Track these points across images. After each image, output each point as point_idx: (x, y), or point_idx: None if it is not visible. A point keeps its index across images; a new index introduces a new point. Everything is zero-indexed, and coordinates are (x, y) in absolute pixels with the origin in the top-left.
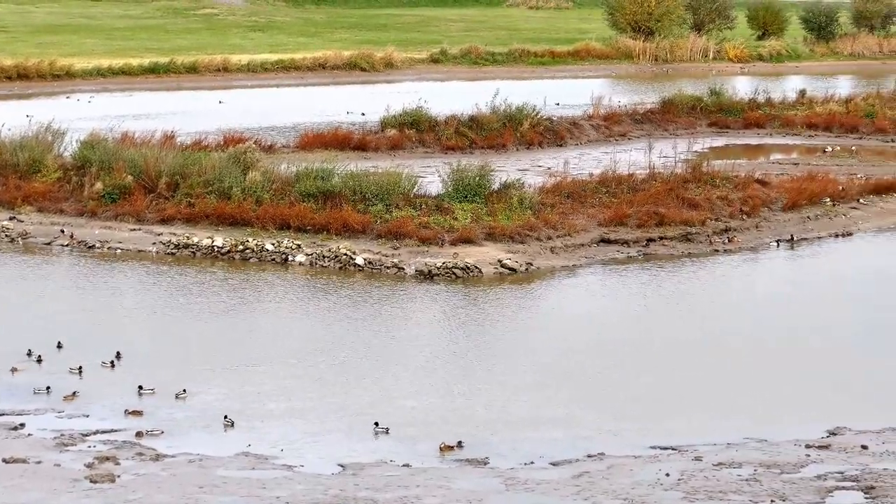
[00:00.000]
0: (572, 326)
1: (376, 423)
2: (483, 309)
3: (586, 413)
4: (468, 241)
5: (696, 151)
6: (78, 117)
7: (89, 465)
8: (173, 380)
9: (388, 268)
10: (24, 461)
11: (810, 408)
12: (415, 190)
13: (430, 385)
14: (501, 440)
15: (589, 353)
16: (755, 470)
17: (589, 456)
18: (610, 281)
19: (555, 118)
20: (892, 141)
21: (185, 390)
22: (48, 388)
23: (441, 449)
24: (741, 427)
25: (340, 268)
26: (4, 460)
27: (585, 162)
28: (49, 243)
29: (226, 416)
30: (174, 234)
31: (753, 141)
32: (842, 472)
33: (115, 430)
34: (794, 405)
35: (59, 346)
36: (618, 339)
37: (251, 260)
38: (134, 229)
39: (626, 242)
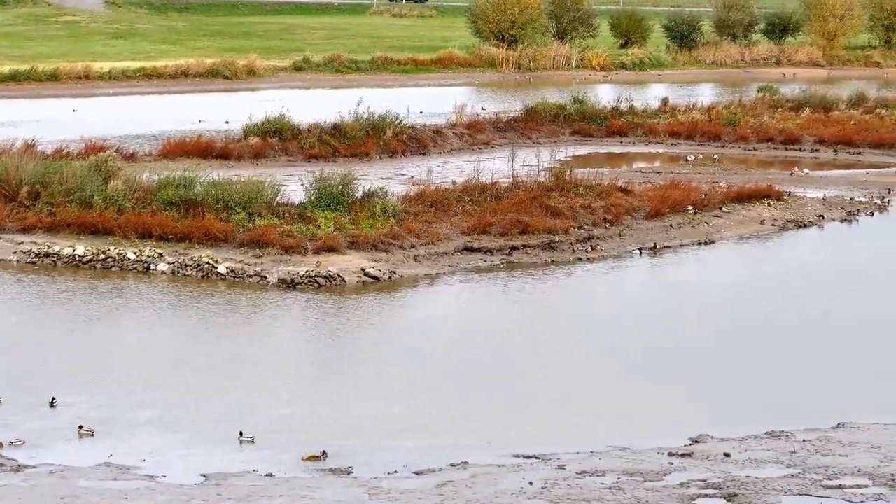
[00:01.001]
0: (436, 335)
1: (241, 433)
2: (347, 318)
3: (450, 422)
4: (331, 249)
5: (559, 160)
6: None
7: None
8: (36, 390)
9: (250, 276)
10: None
11: (673, 416)
12: (278, 198)
13: (296, 394)
14: (366, 449)
15: (453, 362)
16: (618, 478)
17: (452, 465)
18: (473, 289)
19: (418, 127)
20: (754, 149)
21: (54, 399)
22: None
23: (306, 459)
24: (604, 435)
25: (203, 277)
26: None
27: (449, 170)
28: None
29: (81, 426)
30: (35, 242)
31: (616, 149)
32: (704, 480)
33: None
34: (656, 413)
35: None
36: (481, 347)
37: (113, 269)
38: None
39: (489, 251)
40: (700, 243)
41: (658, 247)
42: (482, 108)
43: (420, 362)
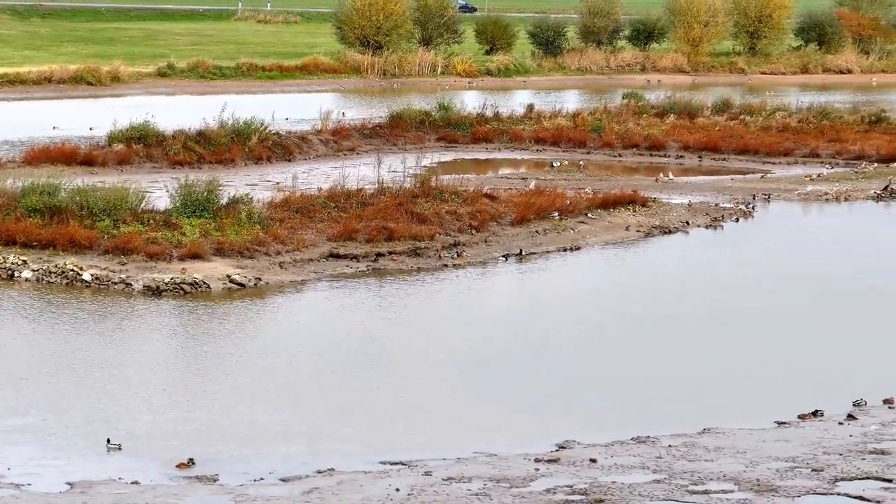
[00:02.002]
0: (302, 342)
1: (108, 440)
2: (214, 325)
3: (318, 428)
4: (197, 256)
5: (425, 166)
6: None
7: None
8: None
9: (115, 283)
10: None
11: (539, 422)
12: (142, 205)
13: (164, 401)
14: (233, 456)
15: (320, 369)
16: (485, 484)
17: (319, 472)
18: (339, 296)
19: (283, 133)
20: (620, 155)
21: None
22: None
23: (174, 466)
24: (471, 441)
25: (67, 284)
26: None
27: (314, 177)
28: None
29: None
30: None
31: (482, 155)
32: (571, 486)
33: None
34: (523, 419)
35: None
36: (348, 354)
37: None
38: None
39: (355, 257)
40: (566, 249)
41: (524, 253)
42: (342, 114)
43: (287, 369)
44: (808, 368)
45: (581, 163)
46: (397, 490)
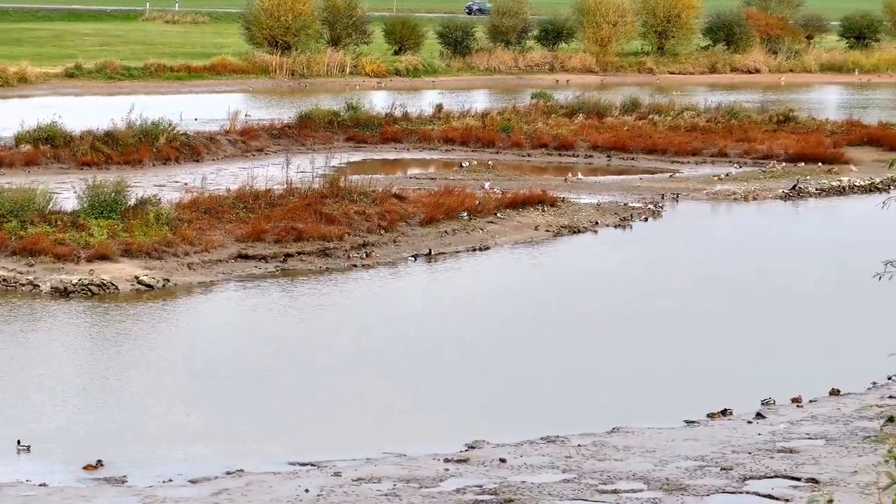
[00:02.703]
0: (211, 343)
1: (18, 441)
2: (122, 326)
3: (228, 430)
4: (104, 257)
5: (333, 166)
6: None
7: None
8: None
9: (22, 285)
10: None
11: (449, 422)
12: (50, 206)
13: (74, 402)
14: (142, 458)
15: (228, 370)
16: (394, 485)
17: (228, 473)
18: (248, 297)
19: (191, 134)
20: (529, 155)
21: None
22: None
23: (82, 468)
24: (380, 442)
25: None
26: None
27: (223, 177)
28: None
29: None
30: None
31: (391, 155)
32: (480, 486)
33: None
34: (432, 419)
35: None
36: (257, 355)
37: None
38: None
39: (263, 258)
40: (475, 249)
41: (433, 253)
42: (246, 115)
43: (197, 370)
44: (717, 368)
45: (490, 162)
46: (307, 491)
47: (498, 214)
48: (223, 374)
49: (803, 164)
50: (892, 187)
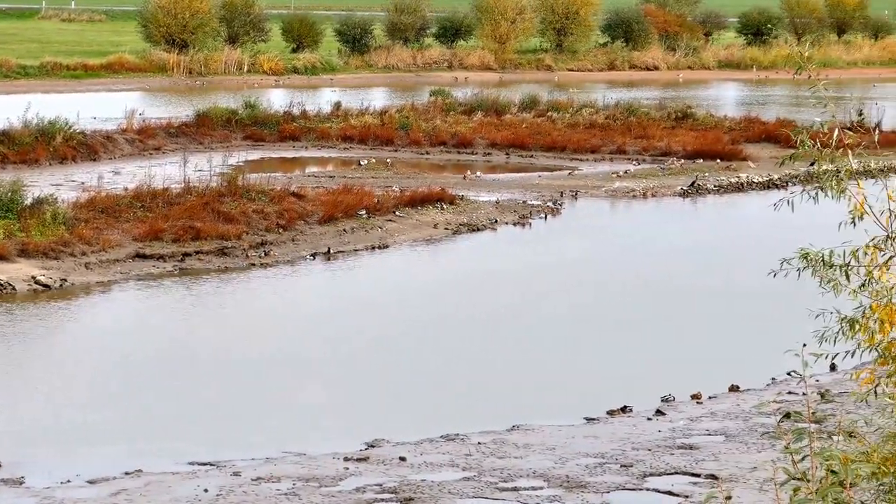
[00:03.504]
0: (109, 343)
1: None
2: (18, 326)
3: (125, 430)
4: (1, 257)
5: (231, 165)
6: None
7: None
8: None
9: None
10: None
11: (348, 421)
12: None
13: None
14: (40, 458)
15: (126, 370)
16: (294, 484)
17: (126, 473)
18: (146, 296)
19: (89, 132)
20: (427, 153)
21: None
22: None
23: None
24: (280, 441)
25: None
26: None
27: (120, 176)
28: None
29: None
30: None
31: (289, 154)
32: (380, 485)
33: None
34: (332, 418)
35: None
36: (156, 354)
37: None
38: None
39: (161, 257)
40: (374, 248)
41: (332, 252)
42: (140, 114)
43: (95, 370)
44: (616, 365)
45: (389, 160)
46: (206, 491)
47: (397, 213)
48: (122, 374)
49: (702, 160)
50: (790, 184)
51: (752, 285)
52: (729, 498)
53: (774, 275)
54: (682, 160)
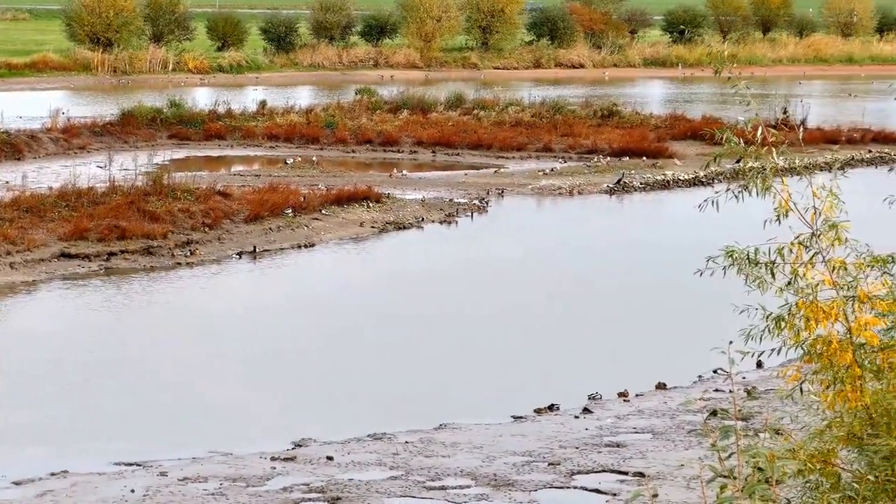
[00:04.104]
0: (34, 344)
1: None
2: None
3: (51, 430)
4: None
5: (157, 164)
6: None
7: None
8: None
9: None
10: None
11: (275, 420)
12: None
13: None
14: None
15: (52, 370)
16: (221, 484)
17: (52, 474)
18: (72, 296)
19: (12, 131)
20: (353, 151)
21: None
22: None
23: None
24: (206, 441)
25: None
26: None
27: (45, 175)
28: None
29: None
30: None
31: (215, 153)
32: (308, 484)
33: None
34: (259, 418)
35: None
36: (82, 355)
37: None
38: None
39: (87, 257)
40: (300, 246)
41: (258, 250)
42: (65, 113)
43: (21, 371)
44: (543, 363)
45: (314, 159)
46: (132, 491)
47: (323, 211)
48: (48, 374)
49: (628, 158)
50: (715, 181)
51: (679, 283)
52: (655, 496)
53: (700, 274)
54: (609, 158)
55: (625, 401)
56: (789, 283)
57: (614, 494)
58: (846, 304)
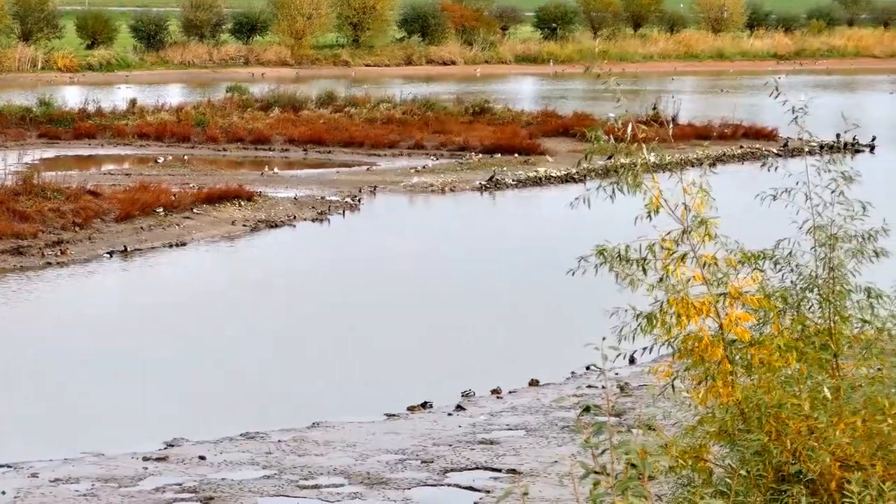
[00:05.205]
0: None
1: None
2: None
3: None
4: None
5: (27, 163)
6: None
7: None
8: None
9: None
10: None
11: (147, 420)
12: None
13: None
14: None
15: None
16: (93, 484)
17: None
18: None
19: None
20: (224, 150)
21: None
22: None
23: None
24: (79, 442)
25: None
26: None
27: None
28: None
29: None
30: None
31: (85, 152)
32: (180, 484)
33: None
34: (130, 418)
35: None
36: None
37: None
38: None
39: None
40: (172, 245)
41: (129, 249)
42: None
43: None
44: (416, 361)
45: (185, 157)
46: (3, 493)
47: (194, 210)
48: None
49: (500, 155)
50: (588, 178)
51: (552, 281)
52: (527, 493)
53: (573, 273)
54: (481, 155)
55: (498, 398)
56: (660, 279)
57: (488, 492)
58: (717, 301)
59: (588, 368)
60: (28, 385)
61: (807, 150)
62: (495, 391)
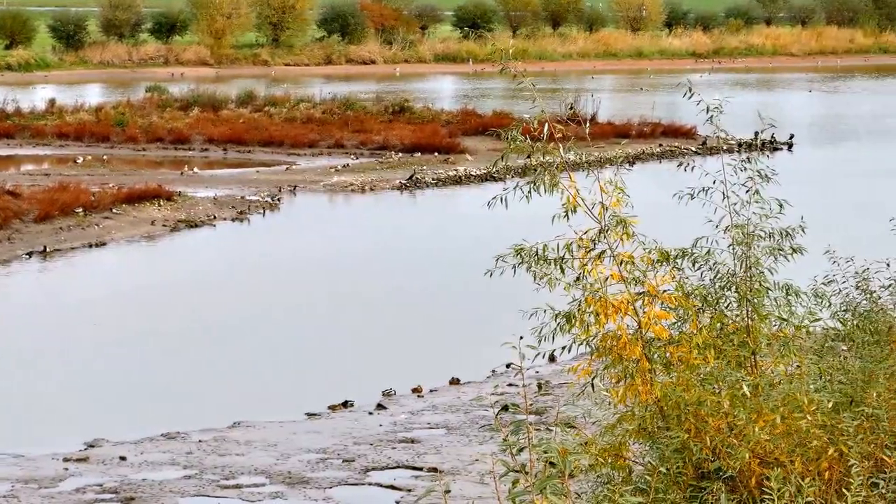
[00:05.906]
0: None
1: None
2: None
3: None
4: None
5: None
6: None
7: None
8: None
9: None
10: None
11: (68, 421)
12: None
13: None
14: None
15: None
16: (13, 486)
17: None
18: None
19: None
20: (144, 149)
21: None
22: None
23: None
24: None
25: None
26: None
27: None
28: None
29: None
30: None
31: (3, 151)
32: (101, 485)
33: None
34: (51, 419)
35: None
36: None
37: None
38: None
39: None
40: (91, 245)
41: (48, 250)
42: None
43: None
44: (337, 360)
45: (105, 157)
46: None
47: (114, 210)
48: None
49: (420, 154)
50: (507, 177)
51: (471, 280)
52: (448, 491)
53: (490, 274)
54: (401, 154)
55: (419, 396)
56: (578, 278)
57: (409, 490)
58: (636, 299)
59: (508, 367)
60: None
61: (725, 148)
62: (416, 390)
